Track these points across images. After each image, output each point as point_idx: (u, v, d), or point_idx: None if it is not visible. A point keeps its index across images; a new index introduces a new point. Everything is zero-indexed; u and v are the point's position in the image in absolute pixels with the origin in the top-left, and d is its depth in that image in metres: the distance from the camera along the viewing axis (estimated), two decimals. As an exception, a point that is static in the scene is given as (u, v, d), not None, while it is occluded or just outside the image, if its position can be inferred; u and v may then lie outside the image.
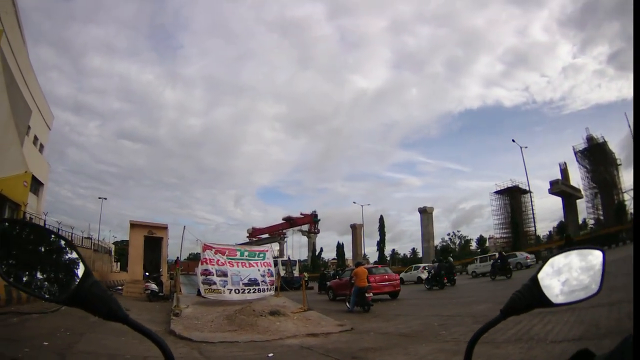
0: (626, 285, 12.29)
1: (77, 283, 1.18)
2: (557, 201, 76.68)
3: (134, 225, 31.40)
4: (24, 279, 1.18)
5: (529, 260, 41.17)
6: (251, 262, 19.54)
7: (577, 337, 8.18)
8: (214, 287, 17.97)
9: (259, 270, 19.57)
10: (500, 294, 19.04)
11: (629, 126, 56.53)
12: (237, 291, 18.33)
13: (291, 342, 11.14)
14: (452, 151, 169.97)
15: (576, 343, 7.64)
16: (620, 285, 11.54)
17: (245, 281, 18.78)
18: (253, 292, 18.78)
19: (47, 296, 1.18)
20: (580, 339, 7.93)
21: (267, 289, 19.48)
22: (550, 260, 1.51)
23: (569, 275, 1.48)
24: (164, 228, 33.22)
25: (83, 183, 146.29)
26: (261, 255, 20.25)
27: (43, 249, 1.21)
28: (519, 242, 61.60)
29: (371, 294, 18.83)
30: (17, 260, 1.19)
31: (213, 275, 18.21)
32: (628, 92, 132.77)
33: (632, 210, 59.70)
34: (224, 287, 18.06)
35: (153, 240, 31.64)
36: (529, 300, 1.41)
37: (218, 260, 18.50)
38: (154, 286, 24.86)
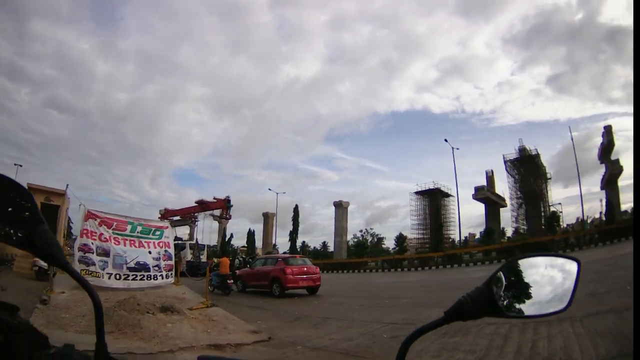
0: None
1: (29, 229, 1.22)
2: (479, 207, 78.54)
3: (31, 189, 27.20)
4: None
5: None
6: (143, 240, 16.03)
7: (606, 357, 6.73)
8: (92, 268, 14.46)
9: (150, 252, 16.17)
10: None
11: (571, 139, 58.57)
12: (118, 276, 14.84)
13: (185, 358, 7.99)
14: (372, 150, 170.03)
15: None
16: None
17: (131, 265, 15.34)
18: (140, 279, 15.43)
19: (2, 237, 1.19)
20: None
21: (161, 275, 16.08)
22: (510, 264, 1.33)
23: (533, 284, 1.30)
24: (62, 195, 29.27)
25: (9, 152, 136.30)
26: (157, 232, 16.83)
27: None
28: (440, 243, 61.64)
29: (232, 280, 22.12)
30: None
31: (93, 253, 14.76)
32: (563, 113, 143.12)
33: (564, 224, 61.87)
34: (104, 270, 14.52)
35: (50, 208, 27.77)
36: (477, 307, 1.24)
37: (101, 234, 14.93)
38: (42, 262, 20.66)
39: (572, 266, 1.32)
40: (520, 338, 8.22)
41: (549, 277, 1.31)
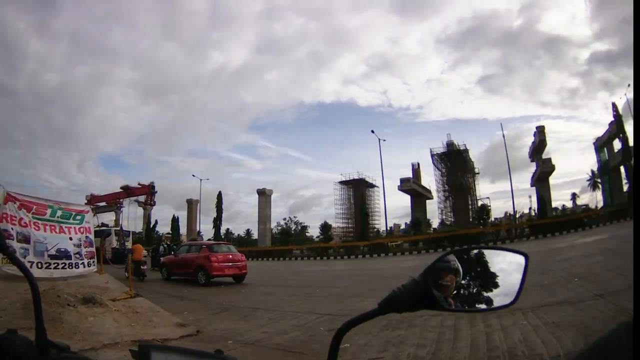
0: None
1: None
2: (404, 199, 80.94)
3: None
4: None
5: None
6: (63, 225, 14.81)
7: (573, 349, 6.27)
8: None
9: (71, 238, 15.01)
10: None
11: (503, 136, 60.78)
12: (40, 265, 13.67)
13: (108, 356, 7.48)
14: (296, 139, 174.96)
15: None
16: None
17: (52, 252, 14.15)
18: (62, 268, 14.25)
19: None
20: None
21: (83, 263, 15.03)
22: (450, 256, 1.25)
23: (476, 276, 1.25)
24: (-14, 178, 27.54)
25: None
26: (78, 217, 15.61)
27: None
28: (366, 232, 62.34)
29: (145, 267, 23.20)
30: None
31: (13, 239, 13.42)
32: (492, 112, 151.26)
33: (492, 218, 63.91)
34: (25, 258, 13.38)
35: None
36: (413, 299, 1.18)
37: (21, 218, 13.67)
38: (-37, 252, 19.14)
39: (519, 260, 1.27)
40: (471, 330, 8.00)
41: (493, 270, 1.24)
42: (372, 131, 58.72)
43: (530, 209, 74.21)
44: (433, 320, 8.73)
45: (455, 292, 1.20)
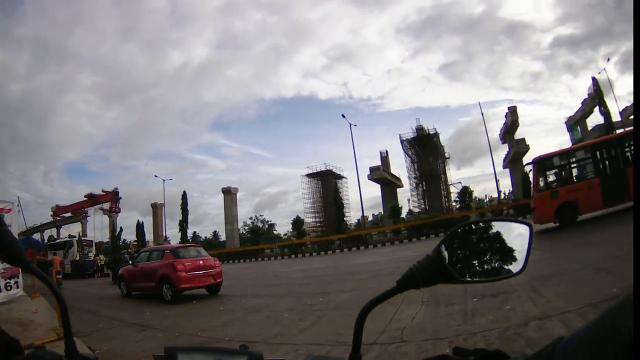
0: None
1: None
2: (372, 189, 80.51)
3: None
4: None
5: None
6: None
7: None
8: None
9: None
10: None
11: (482, 114, 59.88)
12: None
13: None
14: (258, 137, 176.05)
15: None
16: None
17: None
18: None
19: None
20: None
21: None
22: (459, 230, 1.29)
23: (484, 248, 1.27)
24: None
25: None
26: None
27: None
28: (342, 225, 59.68)
29: (60, 276, 21.98)
30: None
31: None
32: (453, 100, 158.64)
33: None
34: None
35: None
36: (429, 274, 1.22)
37: None
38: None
39: (524, 230, 1.26)
40: None
41: (500, 241, 1.24)
42: (343, 115, 56.77)
43: (499, 192, 73.94)
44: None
45: (466, 264, 1.21)
